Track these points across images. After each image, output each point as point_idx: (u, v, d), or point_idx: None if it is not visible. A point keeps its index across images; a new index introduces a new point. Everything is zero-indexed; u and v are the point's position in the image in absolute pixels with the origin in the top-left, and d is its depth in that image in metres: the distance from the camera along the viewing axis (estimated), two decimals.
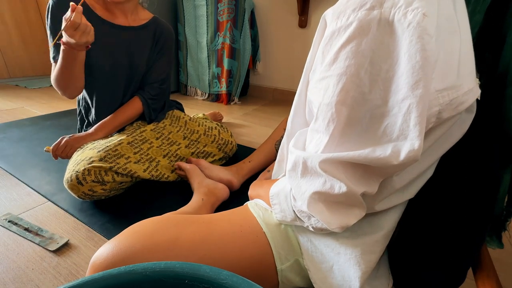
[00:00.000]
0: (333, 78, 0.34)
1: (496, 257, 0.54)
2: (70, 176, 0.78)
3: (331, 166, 0.35)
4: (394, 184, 0.40)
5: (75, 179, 0.77)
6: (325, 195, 0.37)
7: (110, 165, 0.81)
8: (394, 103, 0.32)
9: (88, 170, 0.78)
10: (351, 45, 0.32)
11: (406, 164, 0.32)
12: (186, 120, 1.11)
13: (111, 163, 0.82)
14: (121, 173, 0.83)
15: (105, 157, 0.82)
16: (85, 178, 0.77)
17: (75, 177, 0.77)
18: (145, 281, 0.29)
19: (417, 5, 0.29)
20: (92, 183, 0.78)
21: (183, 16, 2.03)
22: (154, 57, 1.04)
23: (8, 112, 1.69)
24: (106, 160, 0.82)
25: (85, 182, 0.77)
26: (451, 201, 0.41)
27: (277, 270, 0.47)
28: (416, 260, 0.43)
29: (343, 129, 0.35)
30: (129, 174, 0.85)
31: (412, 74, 0.29)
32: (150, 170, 0.90)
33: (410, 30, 0.29)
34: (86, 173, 0.77)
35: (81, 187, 0.78)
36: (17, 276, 0.61)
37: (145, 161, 0.91)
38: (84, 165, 0.79)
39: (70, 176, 0.78)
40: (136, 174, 0.86)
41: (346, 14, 0.33)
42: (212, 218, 0.50)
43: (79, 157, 0.83)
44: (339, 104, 0.34)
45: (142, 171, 0.88)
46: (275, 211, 0.47)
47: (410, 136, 0.31)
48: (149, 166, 0.91)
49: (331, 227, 0.38)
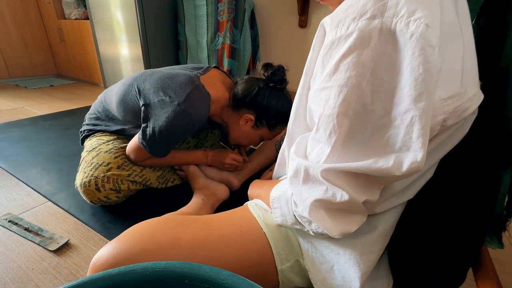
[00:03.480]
0: (334, 89, 0.33)
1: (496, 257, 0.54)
2: (89, 181, 0.76)
3: (333, 175, 0.35)
4: (394, 187, 0.40)
5: (94, 184, 0.76)
6: (326, 203, 0.37)
7: (128, 172, 0.81)
8: (396, 114, 0.31)
9: (107, 178, 0.77)
10: (351, 56, 0.32)
11: (408, 175, 0.32)
12: None
13: (128, 170, 0.82)
14: (136, 181, 0.83)
15: (122, 164, 0.82)
16: (104, 186, 0.77)
17: (94, 183, 0.76)
18: (145, 281, 0.29)
19: (419, 15, 0.28)
20: (109, 191, 0.78)
21: (183, 16, 2.03)
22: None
23: (8, 112, 1.69)
24: (123, 168, 0.81)
25: (103, 189, 0.77)
26: (451, 201, 0.41)
27: (277, 270, 0.47)
28: (416, 260, 0.43)
29: (345, 140, 0.34)
30: (143, 182, 0.85)
31: (415, 87, 0.29)
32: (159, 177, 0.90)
33: (413, 42, 0.28)
34: (105, 180, 0.77)
35: (98, 193, 0.77)
36: (17, 276, 0.61)
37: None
38: (103, 172, 0.78)
39: (88, 181, 0.76)
40: (149, 182, 0.86)
41: (345, 23, 0.32)
42: (212, 219, 0.50)
43: (95, 160, 0.81)
44: (340, 116, 0.33)
45: (155, 178, 0.88)
46: (276, 214, 0.47)
47: (413, 147, 0.31)
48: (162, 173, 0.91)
49: (332, 234, 0.38)
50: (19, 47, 2.53)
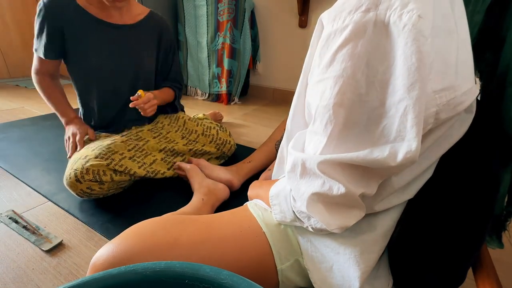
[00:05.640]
0: (330, 80, 0.34)
1: (496, 257, 0.54)
2: (69, 174, 0.79)
3: (329, 168, 0.35)
4: (393, 185, 0.40)
5: (74, 177, 0.78)
6: (324, 196, 0.37)
7: (107, 161, 0.82)
8: (391, 104, 0.32)
9: (86, 169, 0.79)
10: (347, 48, 0.32)
11: (404, 165, 0.32)
12: (185, 120, 1.12)
13: (107, 159, 0.83)
14: (119, 171, 0.84)
15: (100, 154, 0.83)
16: (83, 177, 0.78)
17: (73, 175, 0.78)
18: (145, 281, 0.29)
19: (412, 7, 0.29)
20: (90, 182, 0.79)
21: (183, 16, 2.03)
22: (162, 55, 1.07)
23: (8, 112, 1.69)
24: (101, 157, 0.83)
25: (83, 180, 0.78)
26: (451, 201, 0.41)
27: (277, 270, 0.47)
28: (416, 260, 0.43)
29: (341, 131, 0.35)
30: (125, 171, 0.85)
31: (408, 76, 0.30)
32: (145, 167, 0.91)
33: (406, 32, 0.29)
34: (84, 172, 0.78)
35: (79, 184, 0.79)
36: (18, 276, 0.61)
37: (140, 156, 0.93)
38: (81, 164, 0.80)
39: (69, 174, 0.79)
40: (133, 171, 0.87)
41: (342, 16, 0.33)
42: (212, 218, 0.50)
43: (77, 156, 0.84)
44: (336, 106, 0.34)
45: (137, 167, 0.89)
46: (275, 211, 0.47)
47: (407, 137, 0.31)
48: (144, 164, 0.92)
49: (331, 228, 0.38)
50: (19, 47, 2.53)
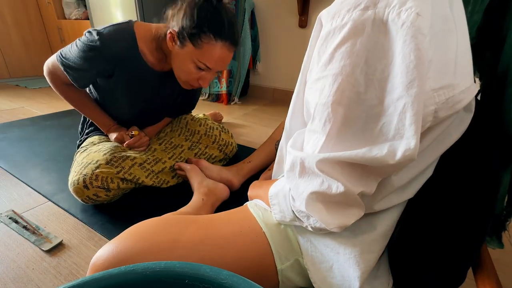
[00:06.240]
0: (328, 78, 0.34)
1: (496, 257, 0.54)
2: (78, 179, 0.77)
3: (328, 166, 0.35)
4: (393, 184, 0.40)
5: (82, 182, 0.77)
6: (323, 195, 0.37)
7: (117, 169, 0.81)
8: (389, 102, 0.32)
9: (96, 176, 0.78)
10: (346, 45, 0.33)
11: (402, 163, 0.32)
12: (188, 120, 1.12)
13: (117, 167, 0.82)
14: (126, 179, 0.83)
15: (111, 160, 0.82)
16: (92, 183, 0.77)
17: (82, 181, 0.77)
18: (145, 281, 0.29)
19: (410, 5, 0.29)
20: (97, 189, 0.78)
21: None
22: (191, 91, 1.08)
23: (8, 112, 1.69)
24: (112, 164, 0.82)
25: (92, 186, 0.77)
26: (451, 201, 0.41)
27: (277, 270, 0.47)
28: (416, 260, 0.43)
29: (339, 129, 0.35)
30: (133, 180, 0.85)
31: (407, 74, 0.30)
32: (152, 176, 0.90)
33: (404, 30, 0.29)
34: (93, 178, 0.77)
35: (87, 191, 0.77)
36: (18, 276, 0.61)
37: (151, 161, 0.92)
38: (91, 169, 0.78)
39: (77, 179, 0.77)
40: (140, 180, 0.86)
41: (340, 14, 0.33)
42: (212, 218, 0.50)
43: (85, 160, 0.82)
44: (335, 104, 0.34)
45: (144, 176, 0.88)
46: (274, 211, 0.47)
47: (406, 135, 0.31)
48: (152, 172, 0.91)
49: (330, 227, 0.38)
50: (20, 47, 2.53)
